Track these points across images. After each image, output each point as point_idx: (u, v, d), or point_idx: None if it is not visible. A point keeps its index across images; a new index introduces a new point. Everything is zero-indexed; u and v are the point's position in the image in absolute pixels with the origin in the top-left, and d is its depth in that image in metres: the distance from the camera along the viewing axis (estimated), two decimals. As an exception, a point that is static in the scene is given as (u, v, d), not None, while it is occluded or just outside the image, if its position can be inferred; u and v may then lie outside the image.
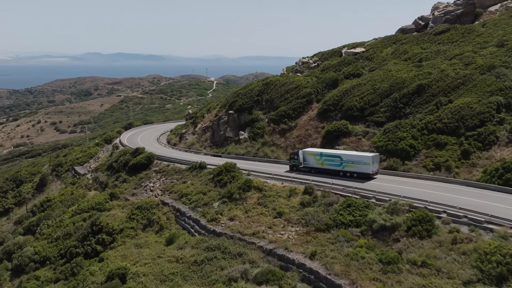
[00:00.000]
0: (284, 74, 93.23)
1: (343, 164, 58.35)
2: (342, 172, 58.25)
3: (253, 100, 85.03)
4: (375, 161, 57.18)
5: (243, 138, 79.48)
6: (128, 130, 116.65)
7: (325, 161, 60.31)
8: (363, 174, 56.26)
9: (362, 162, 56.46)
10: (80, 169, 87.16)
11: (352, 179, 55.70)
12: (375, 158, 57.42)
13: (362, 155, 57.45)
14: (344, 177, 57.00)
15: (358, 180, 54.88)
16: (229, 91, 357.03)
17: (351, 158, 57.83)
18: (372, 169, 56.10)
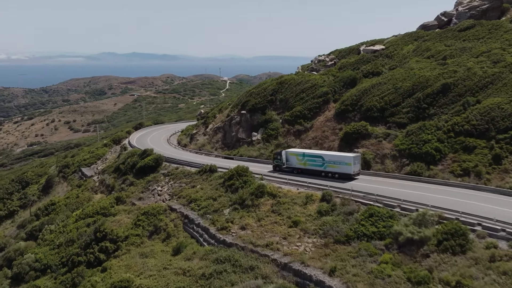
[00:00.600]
0: (299, 72, 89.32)
1: (325, 164, 58.58)
2: (324, 173, 58.47)
3: (266, 100, 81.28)
4: (357, 162, 57.19)
5: (256, 139, 75.83)
6: (138, 130, 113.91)
7: (308, 161, 60.51)
8: (344, 175, 56.47)
9: (344, 163, 56.71)
10: (87, 170, 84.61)
11: (333, 180, 55.90)
12: (357, 159, 57.38)
13: (344, 156, 57.67)
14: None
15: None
16: (242, 91, 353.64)
17: (332, 158, 58.07)
18: (353, 170, 56.21)
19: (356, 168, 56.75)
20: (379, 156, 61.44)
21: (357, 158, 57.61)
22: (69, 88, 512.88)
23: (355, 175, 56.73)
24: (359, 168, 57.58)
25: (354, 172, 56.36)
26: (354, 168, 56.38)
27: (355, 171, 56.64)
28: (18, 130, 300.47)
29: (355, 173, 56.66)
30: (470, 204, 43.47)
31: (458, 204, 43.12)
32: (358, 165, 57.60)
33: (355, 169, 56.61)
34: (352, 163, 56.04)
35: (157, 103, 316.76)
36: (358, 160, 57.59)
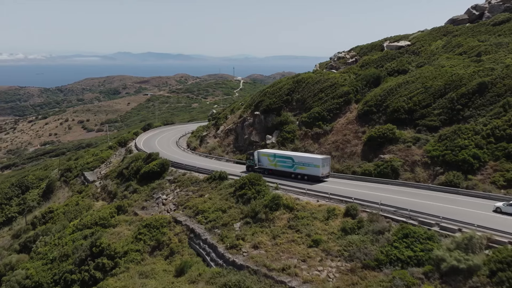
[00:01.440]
0: (317, 70, 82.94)
1: (295, 166, 57.74)
2: (294, 174, 57.67)
3: (282, 100, 75.20)
4: (326, 164, 56.17)
5: (270, 143, 69.81)
6: (147, 132, 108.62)
7: (278, 162, 59.66)
8: (313, 177, 55.67)
9: (312, 165, 55.74)
10: (90, 175, 79.66)
11: (303, 181, 55.21)
12: (326, 161, 56.32)
13: (312, 157, 56.55)
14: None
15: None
16: (256, 91, 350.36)
17: (302, 160, 57.04)
18: (322, 172, 55.38)
19: (324, 171, 55.90)
20: (408, 163, 54.93)
21: (326, 160, 56.43)
22: (84, 88, 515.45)
23: (324, 177, 55.96)
24: (328, 171, 56.80)
25: (322, 175, 55.46)
26: (323, 170, 55.46)
27: (324, 173, 55.76)
28: (33, 129, 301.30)
29: (324, 175, 55.79)
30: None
31: (508, 224, 36.56)
32: (327, 168, 56.65)
33: (324, 171, 55.74)
34: (321, 165, 55.03)
35: (171, 103, 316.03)
36: (327, 162, 56.48)
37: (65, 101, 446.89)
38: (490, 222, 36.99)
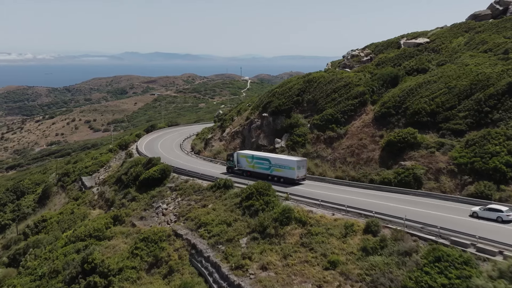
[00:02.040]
0: (330, 69, 77.97)
1: (271, 168, 56.91)
2: (271, 176, 56.77)
3: (292, 101, 70.38)
4: (301, 167, 55.40)
5: (279, 147, 65.07)
6: (150, 133, 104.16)
7: (256, 164, 58.92)
8: (288, 179, 54.81)
9: (288, 167, 54.98)
10: (88, 180, 75.42)
11: (279, 184, 54.10)
12: (301, 163, 55.52)
13: (288, 160, 55.86)
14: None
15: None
16: (263, 91, 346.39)
17: (278, 162, 56.35)
18: (297, 175, 54.54)
19: (300, 173, 55.05)
20: (432, 171, 49.83)
21: (302, 163, 55.60)
22: (92, 87, 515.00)
23: (300, 180, 55.18)
24: (304, 173, 55.93)
25: (297, 177, 54.64)
26: (298, 173, 54.63)
27: (299, 176, 54.94)
28: (39, 129, 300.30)
29: (299, 178, 54.99)
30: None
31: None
32: (303, 170, 55.82)
33: (299, 174, 54.90)
34: (296, 167, 54.21)
35: (177, 103, 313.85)
36: (302, 165, 55.66)
37: (73, 100, 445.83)
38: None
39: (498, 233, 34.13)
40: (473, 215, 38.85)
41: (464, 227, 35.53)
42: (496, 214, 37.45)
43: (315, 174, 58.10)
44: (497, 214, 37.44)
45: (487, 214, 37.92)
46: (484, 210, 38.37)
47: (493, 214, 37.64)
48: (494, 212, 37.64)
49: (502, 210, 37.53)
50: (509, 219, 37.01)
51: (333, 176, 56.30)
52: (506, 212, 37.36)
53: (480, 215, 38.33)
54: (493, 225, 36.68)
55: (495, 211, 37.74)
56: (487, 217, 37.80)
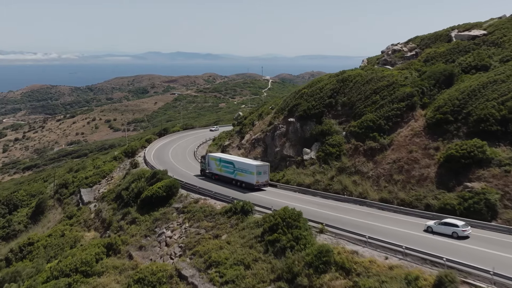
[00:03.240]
0: (367, 67, 66.83)
1: (235, 172, 54.70)
2: (234, 181, 54.69)
3: (323, 104, 59.67)
4: (263, 172, 52.48)
5: (308, 158, 54.55)
6: (162, 138, 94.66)
7: (223, 167, 56.69)
8: (248, 185, 52.38)
9: (248, 171, 52.59)
10: (86, 193, 66.40)
11: (240, 189, 52.03)
12: (262, 168, 52.60)
13: (248, 164, 53.36)
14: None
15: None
16: (284, 91, 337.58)
17: (240, 166, 53.88)
18: (256, 180, 51.87)
19: (260, 179, 52.24)
20: (510, 196, 38.53)
21: (263, 168, 52.70)
22: (113, 87, 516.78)
23: (262, 186, 52.45)
24: (265, 179, 53.01)
25: (257, 183, 51.92)
26: (258, 178, 51.91)
27: (259, 182, 52.12)
28: (60, 128, 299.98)
29: (259, 183, 52.13)
30: None
31: None
32: (265, 176, 52.86)
33: (259, 180, 52.12)
34: (255, 172, 51.65)
35: (198, 102, 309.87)
36: (264, 170, 52.72)
37: (95, 100, 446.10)
38: None
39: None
40: (428, 230, 36.17)
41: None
42: (451, 229, 34.82)
43: (353, 194, 47.35)
44: (452, 229, 34.75)
45: (442, 229, 35.31)
46: (439, 225, 35.62)
47: (448, 229, 35.00)
48: (449, 227, 34.99)
49: (458, 225, 34.75)
50: (465, 235, 34.27)
51: (376, 198, 45.48)
52: (462, 227, 34.55)
53: (434, 230, 35.70)
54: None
55: (450, 225, 35.02)
56: (442, 232, 35.21)
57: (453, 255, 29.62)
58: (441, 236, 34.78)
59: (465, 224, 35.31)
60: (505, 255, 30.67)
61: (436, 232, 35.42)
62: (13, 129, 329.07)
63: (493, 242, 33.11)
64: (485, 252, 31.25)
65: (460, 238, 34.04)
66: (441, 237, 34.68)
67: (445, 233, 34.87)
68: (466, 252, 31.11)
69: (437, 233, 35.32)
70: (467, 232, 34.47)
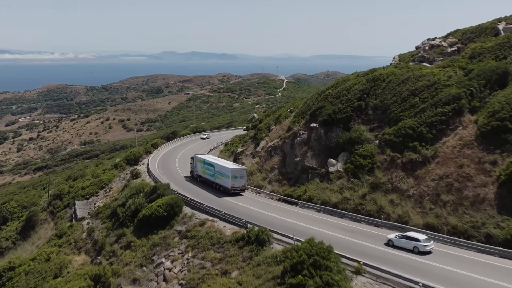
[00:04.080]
0: (400, 64, 58.34)
1: (215, 175, 52.79)
2: (214, 184, 53.02)
3: (351, 107, 51.55)
4: (239, 176, 50.44)
5: (334, 171, 46.59)
6: (170, 142, 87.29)
7: (206, 169, 54.98)
8: (224, 189, 50.87)
9: (225, 175, 50.81)
10: (81, 206, 59.27)
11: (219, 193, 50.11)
12: (239, 173, 50.57)
13: (225, 167, 51.33)
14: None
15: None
16: (300, 90, 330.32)
17: (219, 169, 52.07)
18: (232, 184, 49.97)
19: (237, 183, 50.22)
20: None
21: (239, 172, 50.65)
22: (128, 86, 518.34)
23: (237, 190, 50.44)
24: (242, 184, 50.90)
25: (232, 187, 50.02)
26: (234, 183, 49.96)
27: (235, 186, 50.18)
28: (74, 127, 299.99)
29: (235, 188, 50.16)
30: None
31: None
32: (241, 180, 50.70)
33: (235, 184, 50.17)
34: (231, 176, 49.68)
35: (211, 102, 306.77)
36: (240, 174, 50.69)
37: (109, 99, 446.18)
38: None
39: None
40: (389, 243, 33.91)
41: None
42: (412, 244, 32.61)
43: (391, 217, 39.27)
44: (414, 243, 32.52)
45: (403, 243, 33.10)
46: (400, 238, 33.41)
47: (409, 243, 32.81)
48: (411, 241, 32.78)
49: (419, 239, 32.64)
50: (426, 250, 32.14)
51: (420, 222, 37.29)
52: (424, 242, 32.43)
53: (395, 244, 33.47)
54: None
55: (411, 240, 32.83)
56: (403, 246, 33.06)
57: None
58: (402, 250, 32.41)
59: (427, 238, 32.98)
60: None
61: (397, 246, 33.17)
62: (28, 128, 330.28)
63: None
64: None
65: (421, 254, 31.74)
66: (401, 251, 32.25)
67: (406, 248, 32.63)
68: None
69: (398, 247, 33.04)
70: (429, 247, 32.19)
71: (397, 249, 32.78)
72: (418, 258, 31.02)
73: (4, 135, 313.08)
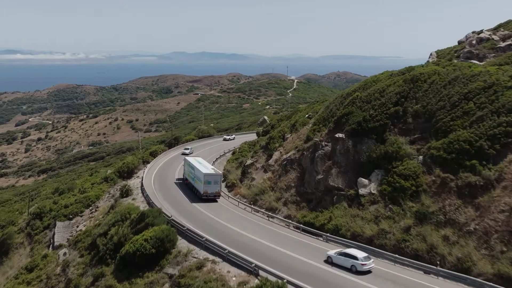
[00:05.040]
0: (443, 62, 48.64)
1: (195, 178, 50.47)
2: (194, 188, 50.69)
3: (386, 113, 42.10)
4: (213, 181, 47.70)
5: (366, 193, 37.36)
6: (172, 149, 78.08)
7: (190, 172, 52.69)
8: (199, 193, 48.63)
9: (200, 179, 48.55)
10: (62, 229, 49.78)
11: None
12: (213, 178, 47.74)
13: (200, 171, 48.38)
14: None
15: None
16: (310, 91, 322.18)
17: (197, 172, 49.48)
18: (204, 189, 47.41)
19: (210, 189, 47.55)
20: None
21: (213, 177, 47.65)
22: (138, 86, 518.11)
23: (212, 197, 47.65)
24: (216, 190, 48.18)
25: (205, 193, 47.36)
26: (206, 188, 47.37)
27: (208, 192, 47.49)
28: (82, 128, 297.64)
29: (208, 194, 47.47)
30: None
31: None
32: (215, 187, 47.90)
33: (208, 190, 47.48)
34: (203, 181, 47.18)
35: (221, 103, 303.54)
36: (214, 180, 47.83)
37: (119, 99, 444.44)
38: None
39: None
40: (328, 260, 31.61)
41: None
42: (350, 262, 29.94)
43: (446, 260, 29.89)
44: (351, 261, 29.84)
45: (341, 261, 30.64)
46: (339, 255, 30.93)
47: (347, 261, 30.24)
48: (349, 259, 30.16)
49: (357, 257, 29.84)
50: (365, 270, 29.32)
51: (489, 271, 27.83)
52: (362, 261, 29.55)
53: (334, 262, 31.10)
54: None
55: (349, 257, 30.19)
56: (341, 264, 30.59)
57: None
58: (340, 269, 30.38)
59: (367, 256, 30.53)
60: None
61: (335, 264, 31.22)
62: (37, 128, 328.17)
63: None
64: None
65: (359, 273, 29.40)
66: (339, 270, 30.21)
67: (344, 266, 30.60)
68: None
69: (336, 265, 31.08)
70: (368, 266, 29.75)
71: (335, 267, 30.49)
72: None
73: (13, 135, 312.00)
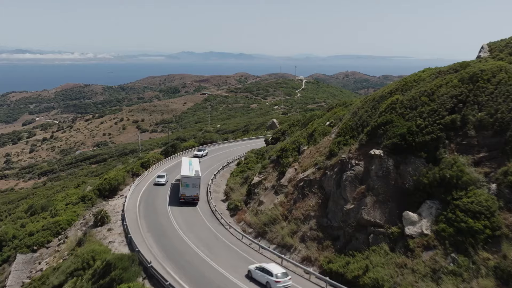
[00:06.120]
0: (501, 56, 38.22)
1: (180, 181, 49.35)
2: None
3: (438, 124, 31.51)
4: (191, 185, 45.69)
5: (416, 234, 27.23)
6: (169, 158, 67.16)
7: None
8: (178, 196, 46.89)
9: (180, 181, 47.04)
10: (21, 266, 39.23)
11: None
12: (191, 181, 45.65)
13: (180, 172, 47.56)
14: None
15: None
16: (319, 91, 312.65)
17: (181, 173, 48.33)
18: (182, 192, 45.82)
19: (188, 192, 45.59)
20: None
21: (191, 180, 45.52)
22: (145, 86, 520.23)
23: (190, 200, 45.72)
24: (195, 193, 45.94)
25: (182, 195, 45.64)
26: (184, 191, 45.59)
27: (185, 195, 45.65)
28: (88, 128, 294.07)
29: (185, 197, 45.64)
30: None
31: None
32: (194, 190, 45.71)
33: (186, 193, 45.62)
34: (181, 183, 45.89)
35: (228, 103, 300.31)
36: (193, 183, 45.57)
37: (126, 99, 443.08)
38: None
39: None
40: (248, 274, 29.61)
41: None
42: (265, 278, 27.95)
43: None
44: (267, 278, 27.83)
45: (259, 276, 28.65)
46: (257, 270, 29.03)
47: (263, 277, 28.25)
48: (264, 275, 28.18)
49: (272, 273, 27.80)
50: (279, 286, 27.07)
51: None
52: (277, 277, 27.46)
53: (253, 276, 29.11)
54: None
55: (265, 273, 28.21)
56: (258, 280, 28.69)
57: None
58: (257, 284, 27.69)
59: (284, 273, 27.83)
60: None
61: (254, 279, 28.55)
62: (43, 128, 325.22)
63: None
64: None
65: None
66: (256, 285, 27.33)
67: (261, 282, 27.99)
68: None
69: (254, 280, 28.44)
70: (283, 284, 26.92)
71: (254, 282, 28.23)
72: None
73: (19, 135, 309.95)
